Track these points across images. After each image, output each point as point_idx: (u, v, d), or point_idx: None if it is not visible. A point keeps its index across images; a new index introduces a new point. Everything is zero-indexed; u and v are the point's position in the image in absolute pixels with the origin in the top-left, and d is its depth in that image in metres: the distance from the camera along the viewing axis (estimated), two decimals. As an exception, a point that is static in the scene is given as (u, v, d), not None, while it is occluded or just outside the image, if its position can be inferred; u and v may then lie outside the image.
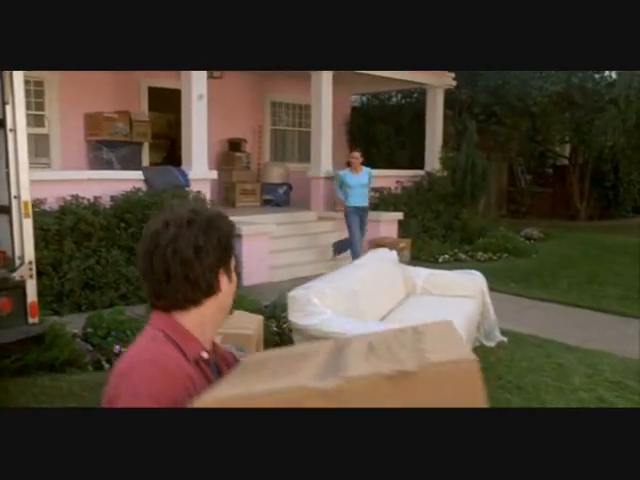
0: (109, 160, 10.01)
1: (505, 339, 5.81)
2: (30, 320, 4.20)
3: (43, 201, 7.03)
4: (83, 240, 6.94)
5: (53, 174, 8.24)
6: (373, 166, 9.79)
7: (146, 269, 1.31)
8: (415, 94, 15.78)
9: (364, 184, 9.08)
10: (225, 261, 1.34)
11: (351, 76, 10.86)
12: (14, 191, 4.11)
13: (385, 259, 5.70)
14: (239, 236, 8.00)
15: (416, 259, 9.80)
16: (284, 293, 4.85)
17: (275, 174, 12.19)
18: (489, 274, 8.89)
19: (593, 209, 16.64)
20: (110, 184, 7.83)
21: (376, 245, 8.48)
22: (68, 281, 6.65)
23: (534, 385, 4.74)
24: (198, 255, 1.28)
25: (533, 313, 7.19)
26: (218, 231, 1.32)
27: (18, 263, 4.14)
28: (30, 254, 4.20)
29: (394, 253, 5.92)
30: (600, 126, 13.67)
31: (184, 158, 8.90)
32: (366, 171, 9.15)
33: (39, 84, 9.67)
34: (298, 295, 4.13)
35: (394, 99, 16.71)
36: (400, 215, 10.59)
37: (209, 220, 1.32)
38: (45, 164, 9.81)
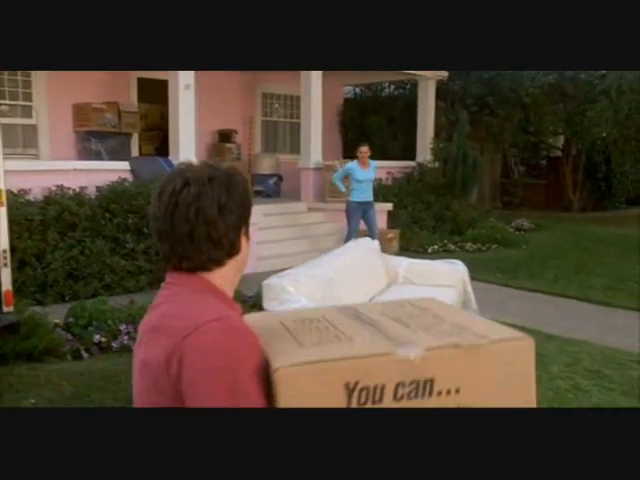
0: (98, 151, 9.98)
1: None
2: (5, 309, 4.20)
3: (28, 191, 7.01)
4: (67, 230, 6.93)
5: (38, 164, 8.23)
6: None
7: (165, 230, 1.23)
8: (408, 85, 15.74)
9: (372, 179, 8.98)
10: (246, 219, 1.30)
11: (342, 67, 10.82)
12: (-12, 180, 4.11)
13: (366, 248, 5.69)
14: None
15: (405, 250, 9.80)
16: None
17: (265, 165, 12.17)
18: (477, 264, 8.93)
19: (586, 200, 16.62)
20: (96, 174, 7.82)
21: (364, 236, 8.47)
22: (52, 271, 6.64)
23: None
24: (222, 213, 1.23)
25: (518, 303, 7.20)
26: (238, 187, 1.28)
27: (-8, 252, 4.14)
28: (5, 243, 4.19)
29: (376, 242, 5.91)
30: (592, 117, 13.65)
31: (171, 148, 8.88)
32: (372, 165, 9.01)
33: (27, 74, 9.64)
34: (273, 283, 4.13)
35: (387, 90, 16.67)
36: (389, 206, 10.57)
37: (229, 176, 1.27)
38: (33, 155, 9.79)
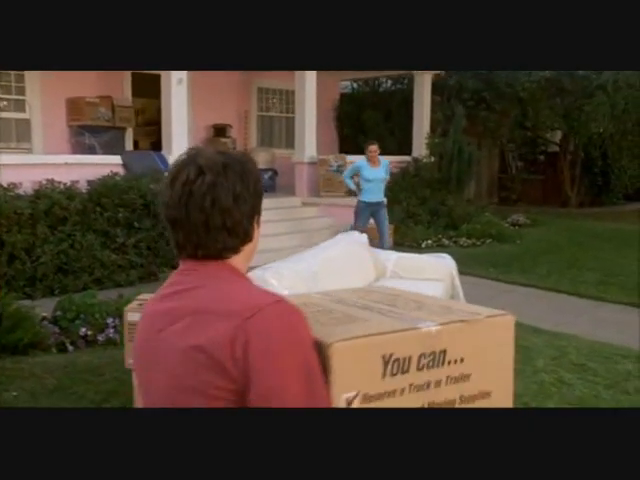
0: (92, 145, 9.98)
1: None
2: (-13, 301, 4.20)
3: (18, 185, 7.01)
4: (57, 224, 6.92)
5: (28, 158, 8.23)
6: (361, 152, 9.67)
7: (179, 218, 1.22)
8: (405, 80, 15.69)
9: (383, 178, 8.64)
10: (258, 207, 1.30)
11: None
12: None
13: (354, 242, 5.67)
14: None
15: (399, 245, 9.76)
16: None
17: (261, 160, 12.12)
18: (470, 259, 8.92)
19: (584, 196, 16.56)
20: (88, 168, 7.82)
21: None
22: (41, 265, 6.64)
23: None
24: (237, 202, 1.23)
25: (509, 297, 7.18)
26: (252, 175, 1.27)
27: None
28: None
29: (364, 236, 5.89)
30: (589, 112, 13.59)
31: (164, 143, 8.89)
32: (384, 164, 8.73)
33: (20, 69, 9.63)
34: (255, 276, 4.10)
35: (385, 85, 16.62)
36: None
37: (242, 164, 1.27)
38: (27, 149, 9.80)
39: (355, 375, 1.33)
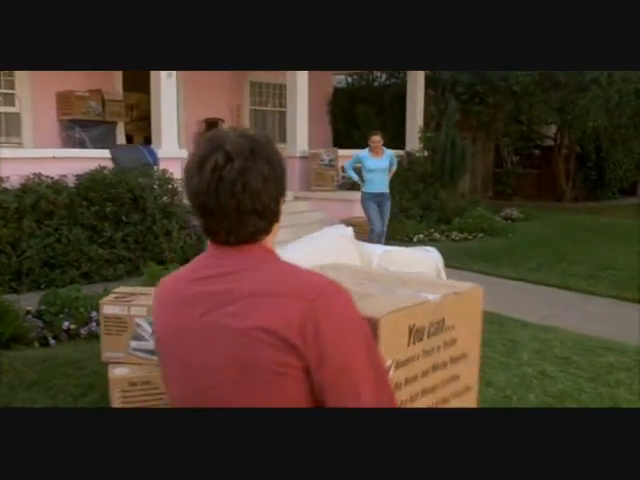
0: (82, 140, 9.93)
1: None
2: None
3: (4, 179, 6.97)
4: (44, 218, 6.89)
5: (15, 152, 8.18)
6: (355, 146, 9.65)
7: (210, 205, 1.24)
8: (400, 74, 15.63)
9: (385, 168, 8.54)
10: (284, 188, 1.32)
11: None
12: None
13: (339, 235, 5.64)
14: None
15: (391, 239, 9.72)
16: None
17: (253, 154, 12.12)
18: (461, 253, 8.91)
19: (579, 190, 16.55)
20: (76, 162, 7.76)
21: (347, 225, 8.40)
22: (27, 259, 6.61)
23: (481, 360, 4.71)
24: (265, 185, 1.25)
25: (498, 290, 7.14)
26: (277, 156, 1.29)
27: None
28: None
29: (350, 229, 5.85)
30: (583, 106, 13.55)
31: (153, 137, 8.83)
32: (388, 154, 8.61)
33: (9, 62, 9.57)
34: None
35: (380, 79, 16.56)
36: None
37: (267, 146, 1.29)
38: (17, 144, 9.74)
39: (391, 344, 1.56)
